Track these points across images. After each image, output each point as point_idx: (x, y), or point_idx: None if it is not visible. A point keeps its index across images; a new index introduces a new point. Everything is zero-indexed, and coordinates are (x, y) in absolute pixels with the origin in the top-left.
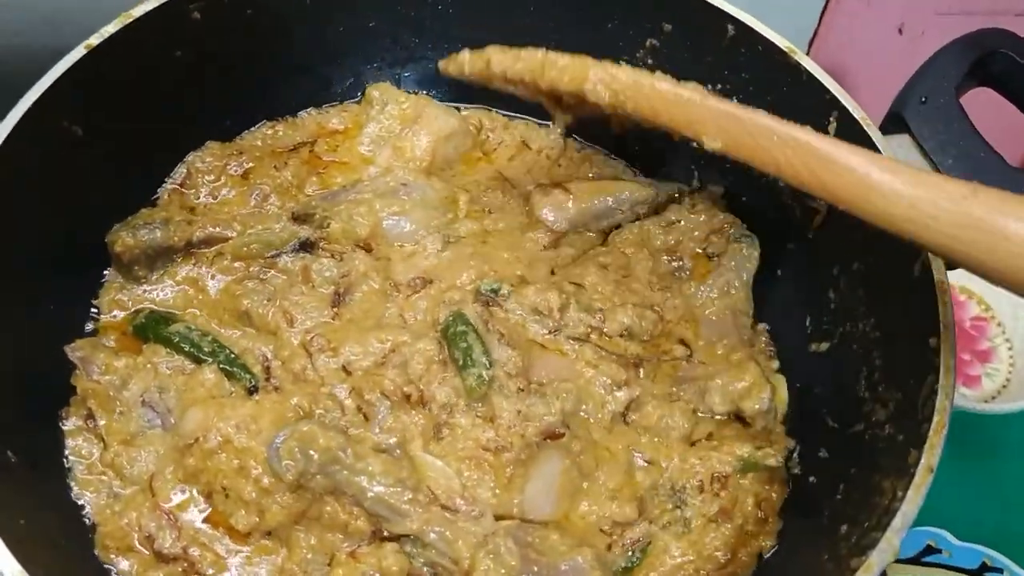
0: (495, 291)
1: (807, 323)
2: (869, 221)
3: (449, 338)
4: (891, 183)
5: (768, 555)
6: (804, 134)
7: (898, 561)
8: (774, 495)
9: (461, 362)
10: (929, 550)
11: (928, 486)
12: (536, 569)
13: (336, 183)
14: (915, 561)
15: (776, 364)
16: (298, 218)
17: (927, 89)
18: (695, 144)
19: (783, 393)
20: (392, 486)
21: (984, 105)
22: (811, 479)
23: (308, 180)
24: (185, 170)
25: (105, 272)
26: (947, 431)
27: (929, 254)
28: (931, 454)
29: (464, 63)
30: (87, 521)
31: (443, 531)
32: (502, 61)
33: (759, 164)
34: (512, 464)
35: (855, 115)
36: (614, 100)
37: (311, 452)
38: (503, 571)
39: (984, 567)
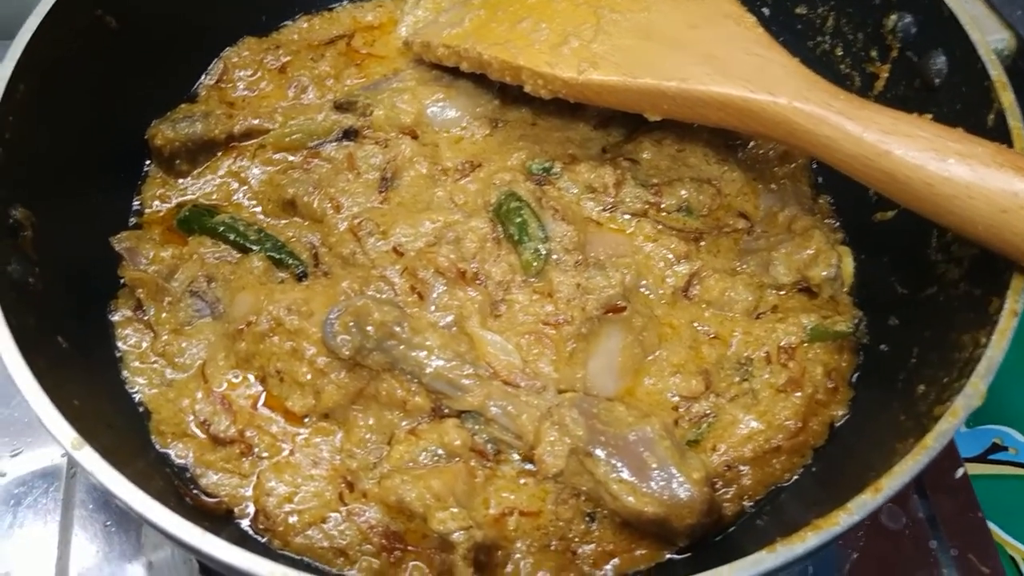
0: (547, 170)
1: (871, 193)
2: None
3: (502, 215)
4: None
5: (840, 424)
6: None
7: (964, 459)
8: (844, 364)
9: (517, 237)
10: (995, 448)
11: (1013, 331)
12: (603, 439)
13: (376, 73)
14: (981, 459)
15: (841, 236)
16: (340, 107)
17: None
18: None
19: (849, 265)
20: (451, 360)
21: None
22: (882, 347)
23: (346, 72)
24: (222, 65)
25: (147, 167)
26: None
27: (1004, 106)
28: (1014, 299)
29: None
30: (141, 409)
31: (505, 405)
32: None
33: (690, 120)
34: (573, 339)
35: None
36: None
37: (367, 327)
38: (569, 441)
39: None
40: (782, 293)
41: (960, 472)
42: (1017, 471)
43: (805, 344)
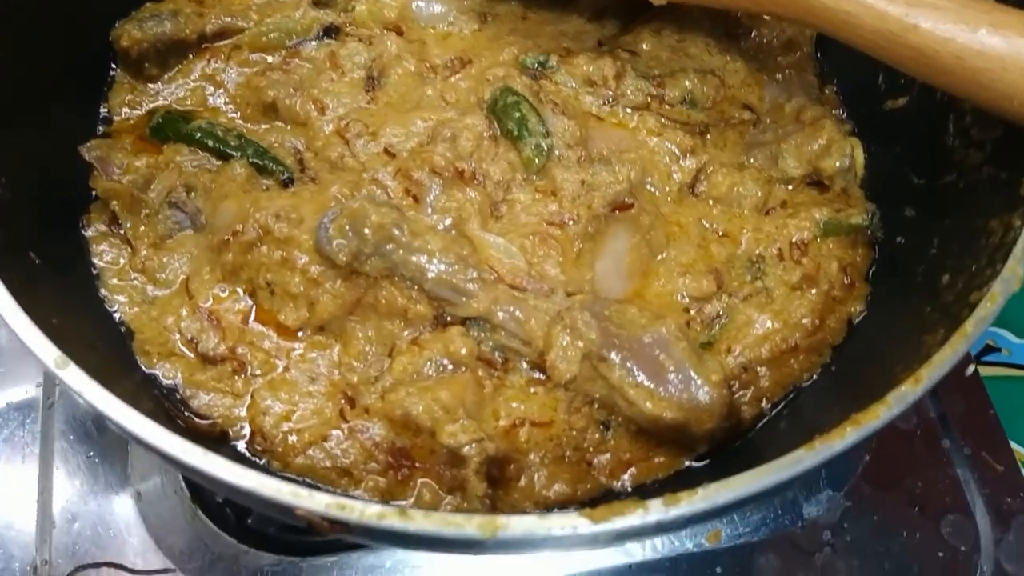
0: (542, 64)
1: (880, 80)
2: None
3: (499, 111)
4: None
5: (858, 320)
6: None
7: None
8: (859, 259)
9: (516, 132)
10: (988, 349)
11: None
12: (617, 343)
13: None
14: (974, 360)
15: (849, 127)
16: (319, 3)
17: None
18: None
19: (859, 156)
20: (454, 264)
21: None
22: (898, 240)
23: None
24: None
25: (112, 72)
26: None
27: None
28: None
29: None
30: (123, 329)
31: (512, 310)
32: None
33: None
34: (580, 239)
35: None
36: None
37: (364, 230)
38: (582, 346)
39: None
40: (790, 187)
41: (971, 369)
42: (1011, 372)
43: (818, 239)
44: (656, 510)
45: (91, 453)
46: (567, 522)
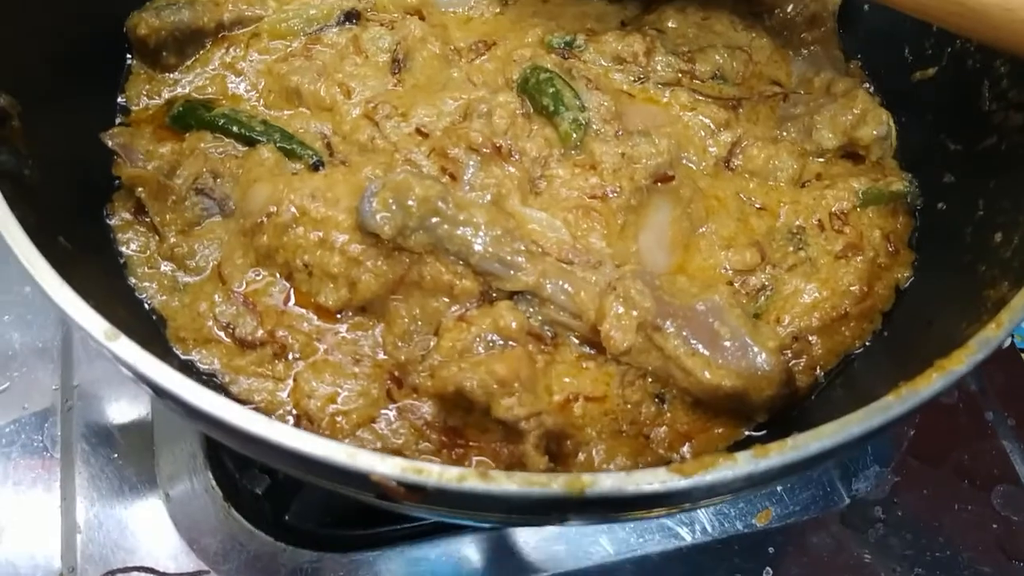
0: (569, 44)
1: (906, 52)
2: None
3: (531, 89)
4: None
5: (906, 286)
6: None
7: None
8: (900, 227)
9: (552, 107)
10: None
11: None
12: (671, 311)
13: None
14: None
15: (878, 99)
16: None
17: None
18: None
19: (891, 128)
20: (501, 236)
21: None
22: (940, 206)
23: None
24: None
25: (129, 62)
26: None
27: None
28: None
29: None
30: (154, 317)
31: (562, 283)
32: None
33: None
34: (623, 211)
35: None
36: None
37: (408, 202)
38: (637, 314)
39: None
40: (823, 160)
41: (1008, 341)
42: None
43: (858, 209)
44: (746, 462)
45: (115, 455)
46: (656, 477)
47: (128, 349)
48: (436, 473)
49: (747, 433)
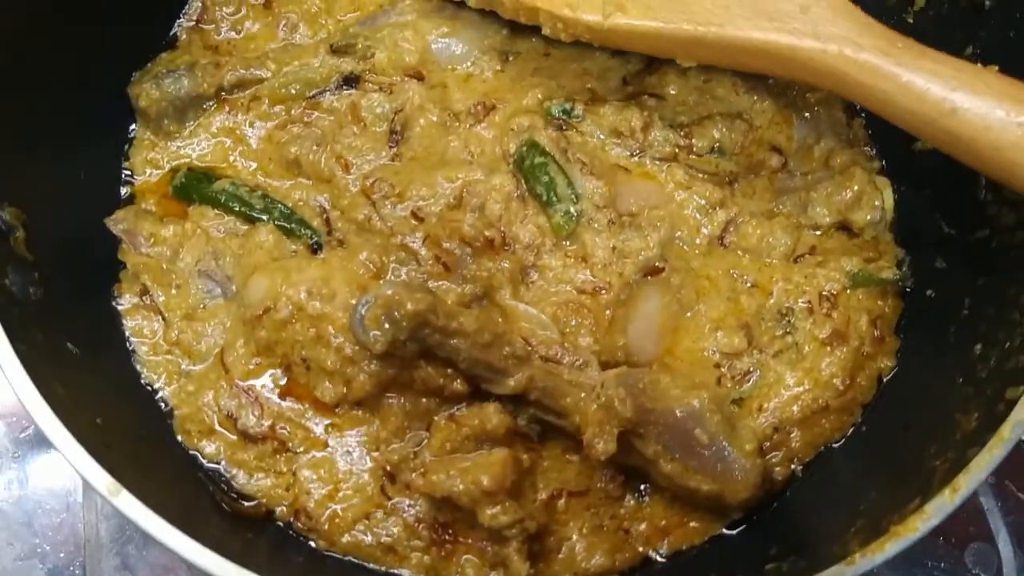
0: (568, 112)
1: None
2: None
3: (526, 171)
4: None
5: (888, 378)
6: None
7: None
8: (888, 310)
9: (545, 198)
10: None
11: None
12: (652, 418)
13: (371, 4)
14: None
15: (878, 165)
16: (337, 50)
17: None
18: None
19: (889, 198)
20: (491, 343)
21: None
22: (928, 292)
23: (337, 4)
24: (200, 3)
25: (132, 131)
26: None
27: None
28: None
29: None
30: (163, 406)
31: (547, 387)
32: None
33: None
34: (612, 306)
35: None
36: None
37: (399, 319)
38: (617, 423)
39: None
40: (819, 233)
41: None
42: None
43: (847, 290)
44: None
45: None
46: None
47: (128, 504)
48: None
49: (723, 529)
